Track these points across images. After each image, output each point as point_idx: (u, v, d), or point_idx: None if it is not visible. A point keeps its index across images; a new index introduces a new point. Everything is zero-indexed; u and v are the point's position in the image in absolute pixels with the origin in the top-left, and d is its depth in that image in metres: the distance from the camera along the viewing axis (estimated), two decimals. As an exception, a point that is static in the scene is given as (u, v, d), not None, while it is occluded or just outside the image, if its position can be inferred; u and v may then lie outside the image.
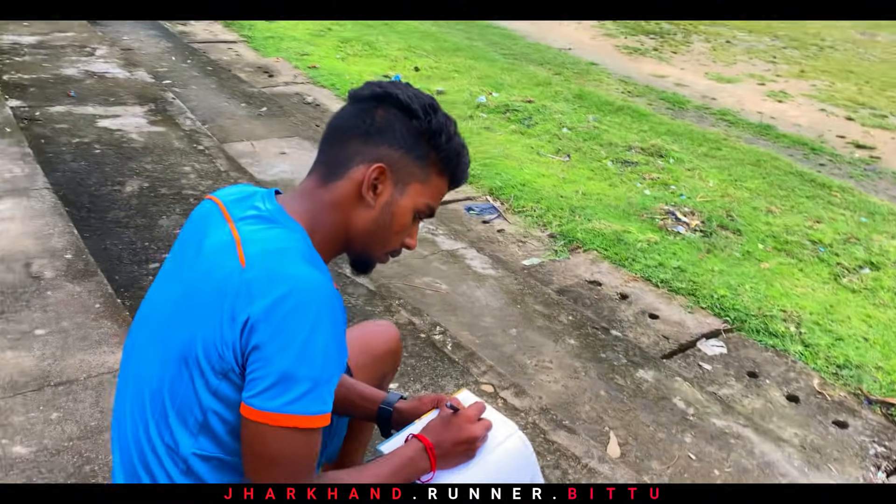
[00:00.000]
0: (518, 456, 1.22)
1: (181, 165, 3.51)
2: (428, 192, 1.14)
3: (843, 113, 7.10)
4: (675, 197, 4.48)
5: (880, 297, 3.58)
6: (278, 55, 7.11)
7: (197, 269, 1.07)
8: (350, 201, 1.11)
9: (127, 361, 1.17)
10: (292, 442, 0.98)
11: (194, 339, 1.01)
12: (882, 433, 2.68)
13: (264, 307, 0.96)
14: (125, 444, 1.11)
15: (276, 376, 0.96)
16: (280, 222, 1.08)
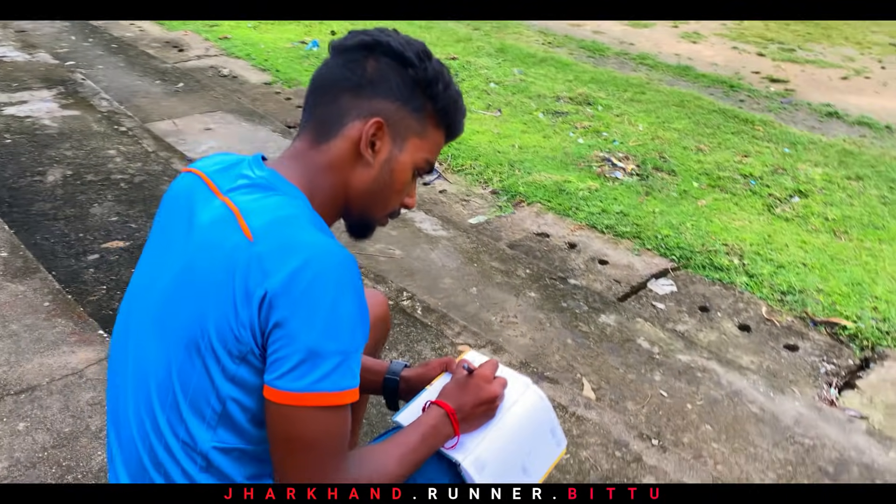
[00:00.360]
0: (537, 409, 1.20)
1: (104, 149, 3.31)
2: (426, 146, 1.07)
3: (754, 49, 7.31)
4: (609, 143, 4.53)
5: (812, 223, 3.73)
6: (186, 28, 6.78)
7: (192, 247, 0.98)
8: (347, 161, 1.03)
9: (120, 354, 1.07)
10: (325, 422, 0.91)
11: (205, 323, 0.92)
12: (830, 351, 2.80)
13: (282, 280, 0.89)
14: (129, 444, 1.02)
15: (302, 353, 0.88)
16: (278, 189, 1.00)
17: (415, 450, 1.07)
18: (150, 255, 1.08)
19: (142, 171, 3.09)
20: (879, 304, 3.04)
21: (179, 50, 6.09)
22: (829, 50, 7.43)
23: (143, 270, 1.07)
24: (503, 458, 1.13)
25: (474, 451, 1.11)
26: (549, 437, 1.20)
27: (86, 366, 1.89)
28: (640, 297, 3.05)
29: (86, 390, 1.83)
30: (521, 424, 1.17)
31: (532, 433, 1.18)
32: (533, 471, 1.16)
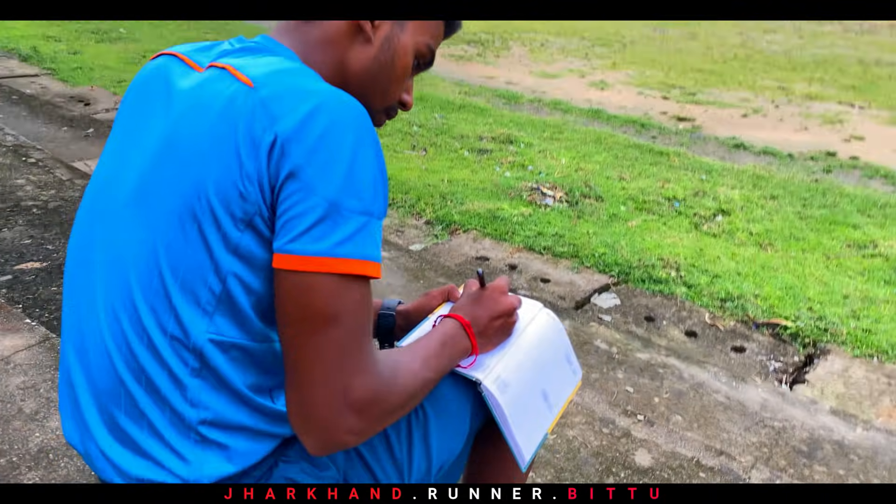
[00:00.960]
0: (553, 331, 1.10)
1: (12, 179, 3.07)
2: (428, 29, 0.97)
3: (658, 94, 7.67)
4: (535, 175, 4.57)
5: (738, 237, 3.84)
6: (92, 84, 6.54)
7: (177, 112, 0.84)
8: (345, 36, 0.92)
9: (82, 258, 0.90)
10: (351, 294, 0.77)
11: (202, 185, 0.78)
12: (775, 350, 2.83)
13: (294, 124, 0.76)
14: (99, 361, 0.85)
15: (322, 209, 0.75)
16: (273, 50, 0.88)
17: (437, 355, 0.94)
18: (116, 145, 0.92)
19: (56, 197, 2.88)
20: (813, 305, 3.12)
21: (86, 104, 5.83)
22: (726, 93, 7.89)
23: (109, 161, 0.92)
24: (524, 380, 1.02)
25: (494, 369, 1.00)
26: (566, 363, 1.11)
27: (12, 353, 1.70)
28: (587, 311, 3.01)
29: (14, 376, 1.65)
30: (538, 345, 1.07)
31: (550, 356, 1.08)
32: (553, 398, 1.06)
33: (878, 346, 2.81)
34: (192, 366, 0.81)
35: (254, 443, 0.86)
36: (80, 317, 0.88)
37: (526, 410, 1.01)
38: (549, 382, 1.06)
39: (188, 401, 0.82)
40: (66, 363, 0.91)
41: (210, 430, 0.83)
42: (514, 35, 11.50)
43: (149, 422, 0.83)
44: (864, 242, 3.84)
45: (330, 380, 0.77)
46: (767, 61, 10.23)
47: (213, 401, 0.83)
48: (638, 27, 13.39)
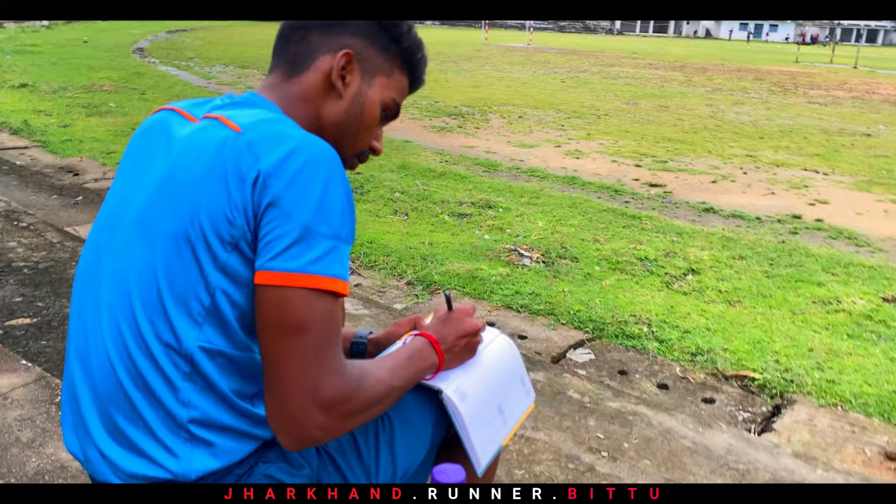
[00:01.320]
0: (509, 354, 1.22)
1: (4, 242, 3.17)
2: (393, 86, 1.12)
3: (631, 162, 7.96)
4: (513, 237, 4.74)
5: (708, 295, 3.99)
6: (81, 155, 6.71)
7: (175, 153, 0.98)
8: (319, 92, 1.07)
9: (91, 275, 1.02)
10: (319, 306, 0.89)
11: (195, 213, 0.91)
12: (744, 401, 2.94)
13: (274, 161, 0.90)
14: (101, 366, 0.96)
15: (296, 232, 0.89)
16: (259, 104, 1.03)
17: (403, 367, 1.05)
18: (121, 182, 1.06)
19: (47, 258, 2.97)
20: (780, 358, 3.24)
21: (75, 174, 5.98)
22: (696, 161, 8.20)
23: (116, 195, 1.05)
24: (482, 393, 1.13)
25: (454, 381, 1.11)
26: (520, 384, 1.21)
27: (10, 389, 1.80)
28: (563, 366, 3.11)
29: (12, 409, 1.78)
30: (496, 365, 1.18)
31: (506, 376, 1.19)
32: (507, 413, 1.16)
33: (842, 396, 2.92)
34: (183, 370, 0.93)
35: (237, 442, 0.97)
36: (85, 328, 1.00)
37: (483, 420, 1.12)
38: (504, 399, 1.18)
39: (180, 401, 0.94)
40: (70, 374, 1.02)
41: (199, 428, 0.94)
42: (492, 108, 11.91)
43: (144, 422, 0.94)
44: (828, 299, 4.00)
45: (301, 380, 0.89)
46: (736, 131, 10.64)
47: (201, 402, 0.94)
48: (612, 101, 13.91)
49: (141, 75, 13.71)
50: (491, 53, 28.50)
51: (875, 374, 3.09)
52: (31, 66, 13.84)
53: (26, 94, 10.34)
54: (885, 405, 2.84)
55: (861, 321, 3.70)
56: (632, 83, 18.36)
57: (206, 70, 16.08)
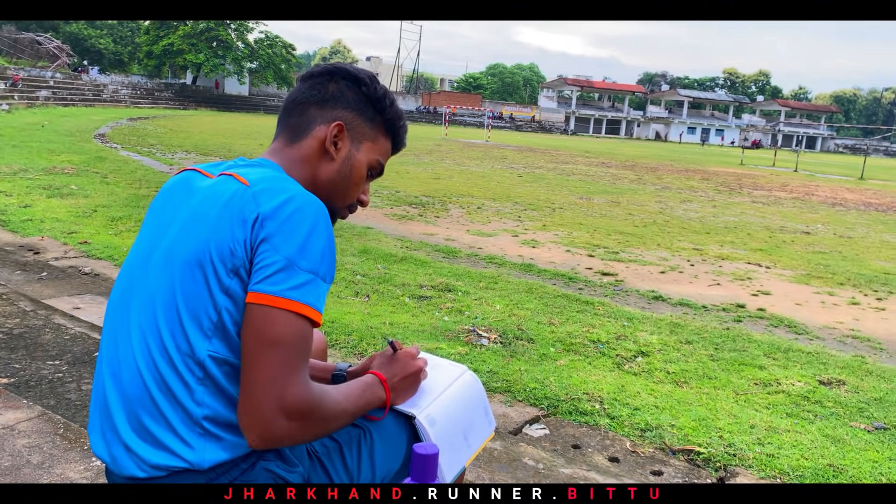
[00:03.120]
0: (474, 388, 1.37)
1: (-22, 310, 3.20)
2: (378, 149, 1.35)
3: (584, 252, 8.28)
4: (472, 319, 4.89)
5: (656, 375, 4.17)
6: (42, 234, 6.73)
7: (194, 202, 1.17)
8: (315, 156, 1.28)
9: (123, 298, 1.19)
10: (293, 327, 1.07)
11: (207, 245, 1.10)
12: (690, 473, 3.06)
13: (271, 207, 1.10)
14: (131, 375, 1.12)
15: (281, 263, 1.07)
16: (267, 165, 1.24)
17: (357, 395, 1.23)
18: (151, 224, 1.24)
19: (21, 325, 3.02)
20: (724, 434, 3.40)
21: (35, 253, 6.00)
22: (646, 252, 8.56)
23: (146, 234, 1.23)
24: (449, 421, 1.28)
25: (426, 409, 1.26)
26: (483, 415, 1.36)
27: (16, 423, 1.91)
28: (518, 439, 3.22)
29: (20, 438, 1.95)
30: (462, 397, 1.33)
31: (471, 407, 1.34)
32: (471, 440, 1.31)
33: (780, 469, 3.08)
34: (197, 375, 1.11)
35: (241, 438, 1.13)
36: (116, 343, 1.17)
37: (449, 443, 1.27)
38: (469, 426, 1.33)
39: (195, 401, 1.11)
40: (102, 384, 1.17)
41: (210, 424, 1.11)
42: (452, 199, 12.29)
43: (166, 419, 1.11)
44: (769, 381, 4.21)
45: (269, 386, 1.06)
46: (683, 226, 11.16)
47: (212, 402, 1.12)
48: (566, 195, 14.47)
49: (103, 160, 13.83)
50: (451, 148, 29.44)
51: (811, 448, 3.26)
52: (-9, 148, 13.86)
53: (-13, 174, 10.35)
54: (820, 477, 2.99)
55: (799, 401, 3.90)
56: (585, 179, 19.13)
57: (167, 156, 16.29)
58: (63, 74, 42.10)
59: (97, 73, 52.96)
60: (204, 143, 20.86)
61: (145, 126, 27.38)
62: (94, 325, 3.24)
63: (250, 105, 59.80)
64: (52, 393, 2.44)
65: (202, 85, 59.65)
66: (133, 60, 65.74)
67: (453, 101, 75.19)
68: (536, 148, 36.91)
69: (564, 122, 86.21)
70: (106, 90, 44.82)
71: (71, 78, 42.76)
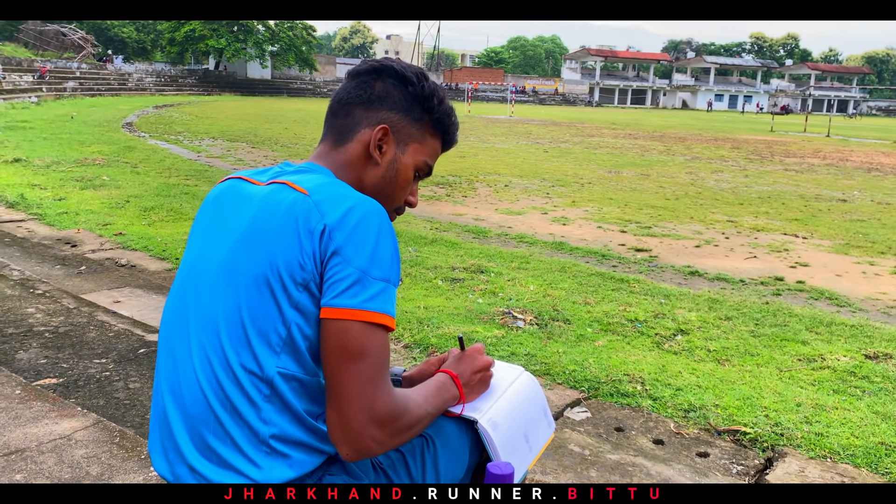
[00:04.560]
0: (532, 389, 1.35)
1: (23, 308, 3.26)
2: (425, 150, 1.31)
3: (616, 228, 8.19)
4: (506, 301, 4.86)
5: (697, 354, 4.11)
6: (78, 227, 6.82)
7: (249, 213, 1.14)
8: (360, 160, 1.26)
9: (178, 318, 1.17)
10: (374, 337, 1.07)
11: (274, 260, 1.08)
12: (737, 455, 3.02)
13: (337, 217, 1.08)
14: (192, 393, 1.11)
15: (355, 275, 1.06)
16: (316, 170, 1.21)
17: (434, 395, 1.22)
18: (199, 237, 1.22)
19: (66, 323, 3.07)
20: (769, 413, 3.34)
21: (73, 246, 6.08)
22: (679, 227, 8.45)
23: (195, 249, 1.21)
24: (511, 423, 1.26)
25: (487, 412, 1.25)
26: (543, 416, 1.34)
27: (72, 432, 1.98)
28: (560, 424, 3.20)
29: (78, 449, 2.00)
30: (521, 398, 1.31)
31: (530, 408, 1.32)
32: (533, 441, 1.29)
33: (830, 448, 3.02)
34: (264, 393, 1.09)
35: (308, 455, 1.13)
36: (175, 361, 1.15)
37: (511, 447, 1.25)
38: (529, 428, 1.31)
39: (262, 420, 1.09)
40: (162, 403, 1.15)
41: (278, 443, 1.10)
42: (479, 177, 12.22)
43: (231, 439, 1.09)
44: (812, 356, 4.13)
45: (359, 399, 1.06)
46: (716, 198, 10.98)
47: (280, 420, 1.10)
48: (594, 169, 14.31)
49: (132, 149, 13.97)
50: (474, 125, 29.27)
51: (861, 426, 3.19)
52: (22, 142, 14.06)
53: (20, 168, 10.51)
54: (871, 456, 2.94)
55: (845, 377, 3.82)
56: (613, 152, 18.90)
57: (195, 143, 16.40)
58: (89, 65, 42.53)
59: (121, 62, 53.39)
60: (230, 128, 20.97)
61: (171, 113, 27.59)
62: (135, 322, 3.28)
63: (273, 88, 59.92)
64: (101, 392, 2.48)
65: (225, 70, 59.86)
66: (156, 48, 66.15)
67: (475, 76, 74.61)
68: (561, 121, 36.55)
69: (588, 93, 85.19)
70: (131, 79, 45.21)
71: (96, 68, 43.18)
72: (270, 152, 15.15)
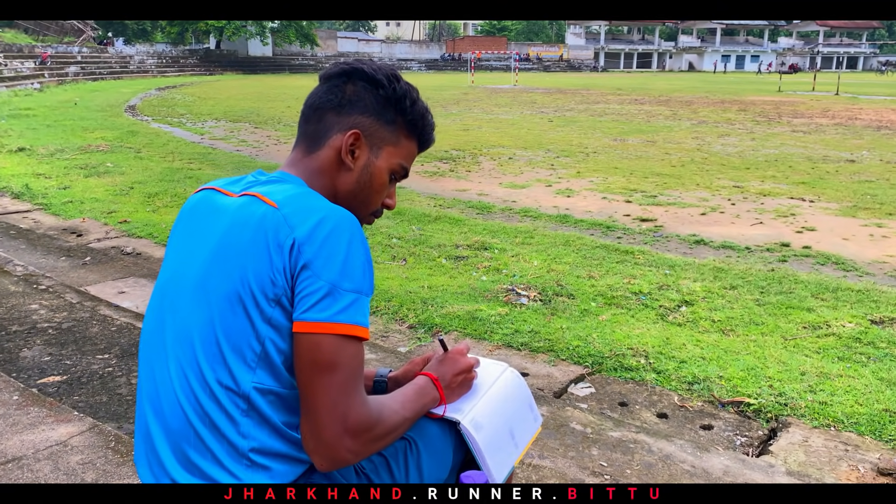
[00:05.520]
0: (516, 385, 1.35)
1: (26, 305, 3.29)
2: (400, 153, 1.29)
3: (621, 198, 8.14)
4: (510, 278, 4.86)
5: (701, 325, 4.11)
6: (83, 216, 6.85)
7: (221, 227, 1.14)
8: (333, 166, 1.24)
9: (156, 334, 1.18)
10: (346, 349, 1.07)
11: (245, 276, 1.08)
12: (740, 426, 3.03)
13: (306, 231, 1.08)
14: (172, 409, 1.12)
15: (325, 288, 1.06)
16: (287, 180, 1.20)
17: (412, 400, 1.22)
18: (175, 252, 1.22)
19: (69, 318, 3.10)
20: (774, 383, 3.35)
21: (78, 235, 6.11)
22: (685, 194, 8.39)
23: (171, 264, 1.21)
24: (494, 422, 1.26)
25: (470, 412, 1.25)
26: (528, 411, 1.34)
27: (68, 437, 2.01)
28: (564, 401, 3.21)
29: (73, 455, 2.02)
30: (505, 396, 1.31)
31: (515, 404, 1.32)
32: (518, 438, 1.29)
33: (834, 417, 3.02)
34: (241, 408, 1.10)
35: (289, 466, 1.14)
36: (154, 377, 1.16)
37: (496, 446, 1.25)
38: (514, 425, 1.31)
39: (240, 434, 1.10)
40: (144, 417, 1.17)
41: (257, 455, 1.11)
42: (482, 150, 12.15)
43: (212, 453, 1.10)
44: (818, 324, 4.12)
45: (332, 410, 1.07)
46: (722, 163, 10.88)
47: (258, 433, 1.11)
48: (599, 138, 14.20)
49: (135, 134, 13.96)
50: (478, 96, 29.03)
51: (865, 394, 3.19)
52: (26, 130, 14.08)
53: (24, 157, 10.53)
54: (875, 423, 2.94)
55: (850, 344, 3.81)
56: (618, 119, 18.73)
57: (198, 126, 16.37)
58: (90, 48, 42.35)
59: (122, 44, 53.11)
60: (232, 109, 20.90)
61: (173, 95, 27.51)
62: (138, 315, 3.31)
63: (275, 66, 59.55)
64: (104, 389, 2.51)
65: (226, 49, 59.54)
66: (156, 29, 65.72)
67: (478, 45, 73.82)
68: (566, 89, 36.20)
69: (594, 58, 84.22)
70: (132, 61, 45.02)
71: (97, 51, 42.99)
72: (273, 132, 15.10)
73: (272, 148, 12.63)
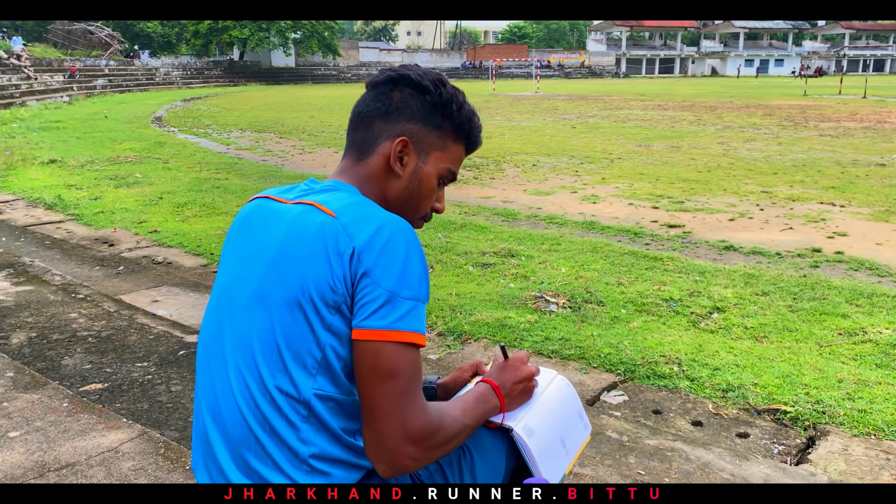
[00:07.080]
0: (567, 393, 1.35)
1: (66, 314, 3.35)
2: (448, 157, 1.31)
3: (648, 204, 8.09)
4: (538, 285, 4.85)
5: (734, 331, 4.06)
6: (114, 226, 6.95)
7: (279, 235, 1.16)
8: (382, 173, 1.26)
9: (214, 342, 1.20)
10: (406, 356, 1.08)
11: (305, 284, 1.10)
12: (778, 434, 2.99)
13: (365, 239, 1.09)
14: (231, 416, 1.14)
15: (385, 296, 1.07)
16: (341, 188, 1.22)
17: (473, 407, 1.23)
18: (232, 260, 1.24)
19: (107, 327, 3.15)
20: (810, 390, 3.30)
21: (110, 245, 6.20)
22: (712, 199, 8.32)
23: (228, 272, 1.23)
24: (546, 429, 1.26)
25: (523, 419, 1.25)
26: (578, 419, 1.34)
27: (119, 444, 2.06)
28: (597, 408, 3.19)
29: (125, 461, 2.09)
30: (555, 403, 1.31)
31: (565, 412, 1.32)
32: (569, 446, 1.29)
33: (874, 425, 2.97)
34: (302, 414, 1.12)
35: (347, 472, 1.15)
36: (213, 384, 1.18)
37: (548, 453, 1.25)
38: (566, 433, 1.31)
39: (301, 440, 1.12)
40: (203, 425, 1.18)
41: (317, 461, 1.13)
42: (506, 157, 12.15)
43: (272, 459, 1.12)
44: (853, 330, 4.06)
45: (393, 417, 1.08)
46: (749, 168, 10.78)
47: (318, 439, 1.13)
48: (623, 144, 14.14)
49: (162, 145, 14.15)
50: (500, 103, 29.05)
51: (906, 402, 3.13)
52: (57, 142, 14.33)
53: (56, 169, 10.71)
54: (918, 432, 2.89)
55: (888, 350, 3.75)
56: (642, 125, 18.64)
57: (223, 136, 16.55)
58: (116, 61, 43.05)
59: (148, 56, 53.96)
60: (257, 119, 21.11)
61: (199, 106, 27.85)
62: (174, 323, 3.36)
63: (298, 76, 60.08)
64: (145, 396, 2.54)
65: (250, 60, 60.19)
66: (181, 41, 66.67)
67: (499, 53, 73.92)
68: (588, 95, 36.10)
69: (615, 64, 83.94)
70: (158, 73, 45.68)
71: (124, 64, 43.70)
72: (298, 142, 15.23)
73: (297, 157, 12.73)
